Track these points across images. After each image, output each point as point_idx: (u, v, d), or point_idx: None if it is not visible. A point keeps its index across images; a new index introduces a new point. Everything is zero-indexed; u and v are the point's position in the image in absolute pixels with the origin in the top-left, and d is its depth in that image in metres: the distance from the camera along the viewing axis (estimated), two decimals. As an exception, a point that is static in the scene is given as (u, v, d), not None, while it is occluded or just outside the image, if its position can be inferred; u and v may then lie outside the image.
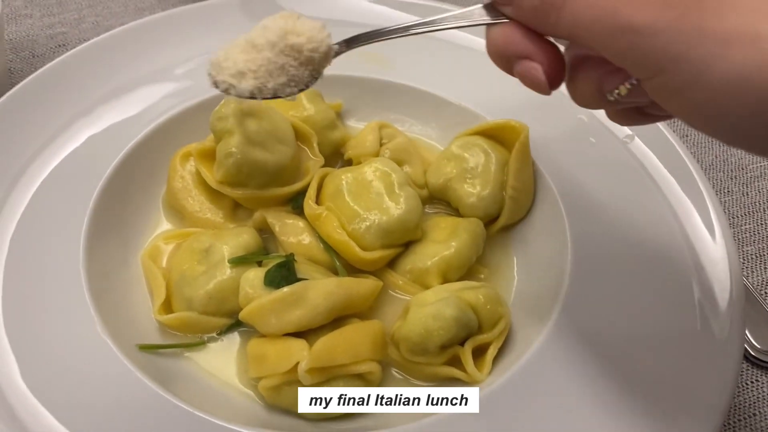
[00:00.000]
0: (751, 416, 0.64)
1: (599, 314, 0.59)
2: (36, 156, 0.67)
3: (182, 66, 0.76)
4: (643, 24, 0.37)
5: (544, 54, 0.44)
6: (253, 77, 0.47)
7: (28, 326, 0.56)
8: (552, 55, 0.44)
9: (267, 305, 0.57)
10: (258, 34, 0.47)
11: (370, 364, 0.56)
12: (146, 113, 0.72)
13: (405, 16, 0.82)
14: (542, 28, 0.43)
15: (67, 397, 0.53)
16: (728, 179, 0.83)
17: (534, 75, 0.44)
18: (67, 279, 0.59)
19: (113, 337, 0.56)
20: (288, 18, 0.48)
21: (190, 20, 0.80)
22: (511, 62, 0.45)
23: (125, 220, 0.67)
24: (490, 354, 0.59)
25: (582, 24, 0.40)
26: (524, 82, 0.46)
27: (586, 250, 0.63)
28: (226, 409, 0.56)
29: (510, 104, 0.72)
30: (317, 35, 0.47)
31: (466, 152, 0.69)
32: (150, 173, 0.70)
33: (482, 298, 0.59)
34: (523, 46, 0.44)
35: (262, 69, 0.47)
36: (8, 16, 0.96)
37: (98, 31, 0.94)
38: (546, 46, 0.44)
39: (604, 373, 0.55)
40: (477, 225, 0.66)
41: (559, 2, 0.41)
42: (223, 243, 0.63)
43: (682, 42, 0.37)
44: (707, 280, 0.60)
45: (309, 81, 0.49)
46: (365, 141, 0.72)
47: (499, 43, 0.46)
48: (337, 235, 0.63)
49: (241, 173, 0.65)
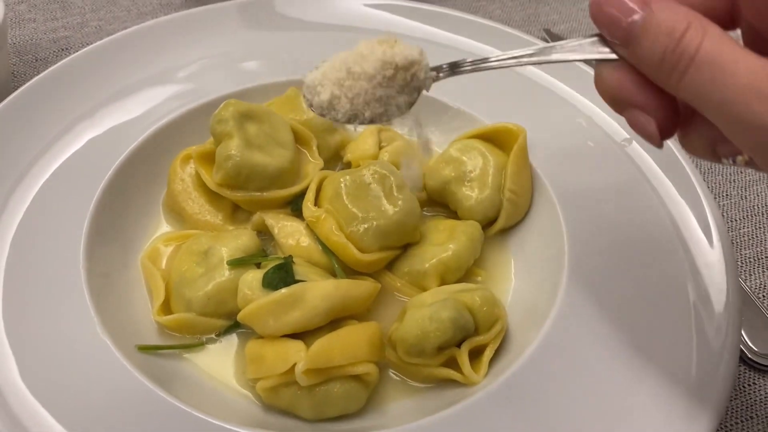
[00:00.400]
0: (748, 419, 0.64)
1: (595, 317, 0.59)
2: (38, 158, 0.67)
3: (183, 70, 0.77)
4: None
5: (659, 106, 0.41)
6: (349, 103, 0.47)
7: (28, 326, 0.57)
8: (667, 109, 0.41)
9: (265, 307, 0.57)
10: (355, 61, 0.47)
11: (367, 365, 0.57)
12: (147, 116, 0.73)
13: (403, 20, 0.82)
14: (660, 83, 0.40)
15: (66, 397, 0.53)
16: (727, 183, 0.83)
17: (645, 129, 0.42)
18: (67, 280, 0.60)
19: (113, 338, 0.57)
20: (386, 44, 0.47)
21: (190, 25, 0.81)
22: (621, 106, 0.43)
23: (125, 221, 0.68)
24: (486, 356, 0.59)
25: (706, 99, 0.38)
26: (633, 129, 0.43)
27: (583, 252, 0.63)
28: (224, 409, 0.57)
29: (508, 108, 0.73)
30: (416, 63, 0.47)
31: (464, 155, 0.70)
32: (150, 176, 0.71)
33: (479, 300, 0.59)
34: (637, 96, 0.42)
35: (359, 98, 0.47)
36: (12, 20, 0.97)
37: (101, 35, 0.95)
38: (661, 97, 0.41)
39: (599, 376, 0.55)
40: (475, 227, 0.67)
41: (683, 66, 0.38)
42: (222, 245, 0.63)
43: None
44: (703, 283, 0.60)
45: (406, 108, 0.48)
46: (364, 144, 0.73)
47: (609, 86, 0.43)
48: (336, 237, 0.63)
49: (240, 176, 0.66)
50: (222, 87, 0.76)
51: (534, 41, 0.81)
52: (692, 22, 0.39)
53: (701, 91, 0.38)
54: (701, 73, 0.38)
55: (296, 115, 0.73)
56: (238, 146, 0.65)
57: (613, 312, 0.59)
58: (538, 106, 0.75)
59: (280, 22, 0.82)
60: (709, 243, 0.63)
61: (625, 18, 0.40)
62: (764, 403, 0.65)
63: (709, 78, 0.37)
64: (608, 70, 0.43)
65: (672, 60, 0.39)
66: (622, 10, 0.41)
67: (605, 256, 0.63)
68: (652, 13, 0.40)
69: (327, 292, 0.58)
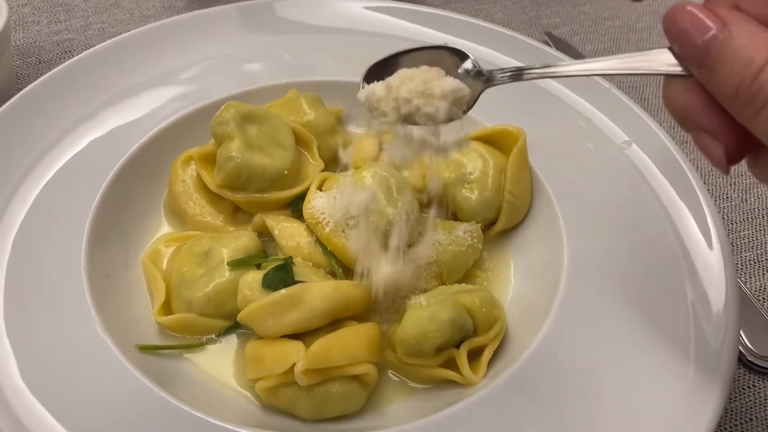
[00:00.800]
0: (747, 421, 0.64)
1: (594, 318, 0.59)
2: (40, 159, 0.68)
3: (185, 72, 0.78)
4: None
5: (730, 132, 0.38)
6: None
7: (29, 326, 0.57)
8: (738, 135, 0.38)
9: (265, 307, 0.58)
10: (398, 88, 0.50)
11: (366, 365, 0.57)
12: (149, 118, 0.73)
13: (403, 23, 0.83)
14: (732, 113, 0.37)
15: (66, 396, 0.53)
16: (727, 185, 0.83)
17: (712, 153, 0.40)
18: (68, 280, 0.60)
19: (113, 338, 0.57)
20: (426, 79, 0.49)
21: (192, 28, 0.81)
22: (688, 126, 0.40)
23: (127, 222, 0.68)
24: (485, 356, 0.59)
25: None
26: (700, 150, 0.41)
27: (583, 254, 0.63)
28: (224, 409, 0.57)
29: (508, 110, 0.73)
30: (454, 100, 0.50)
31: (464, 157, 0.70)
32: (152, 177, 0.71)
33: (478, 301, 0.59)
34: (706, 120, 0.39)
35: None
36: (16, 22, 0.98)
37: (104, 37, 0.96)
38: (732, 123, 0.38)
39: (598, 377, 0.55)
40: (474, 229, 0.67)
41: (759, 104, 0.35)
42: (222, 246, 0.64)
43: None
44: (701, 285, 0.60)
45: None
46: (365, 146, 0.73)
47: (678, 106, 0.40)
48: (336, 238, 0.63)
49: (241, 177, 0.66)
50: (223, 89, 0.76)
51: (536, 44, 0.81)
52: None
53: None
54: None
55: (297, 117, 0.73)
56: (239, 148, 0.65)
57: (611, 313, 0.59)
58: (537, 109, 0.75)
59: (281, 24, 0.83)
60: (708, 245, 0.63)
61: (700, 36, 0.37)
62: (764, 405, 0.65)
63: None
64: (678, 89, 0.40)
65: (747, 95, 0.35)
66: (698, 27, 0.37)
67: (604, 257, 0.63)
68: (731, 38, 0.36)
69: (326, 293, 0.58)
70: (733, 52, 0.36)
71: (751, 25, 0.36)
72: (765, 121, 0.35)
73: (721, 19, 0.37)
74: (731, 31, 0.36)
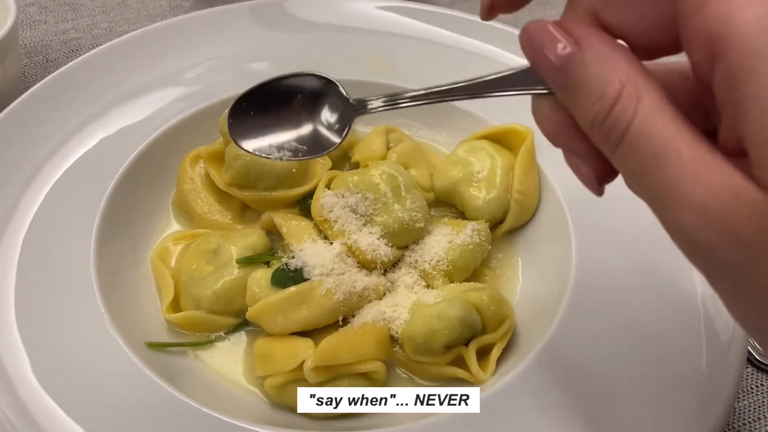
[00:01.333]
0: (755, 420, 0.64)
1: (603, 316, 0.59)
2: (49, 157, 0.68)
3: (192, 70, 0.78)
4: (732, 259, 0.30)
5: (596, 157, 0.36)
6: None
7: (40, 323, 0.57)
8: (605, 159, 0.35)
9: (274, 305, 0.58)
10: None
11: (375, 363, 0.57)
12: (157, 116, 0.73)
13: (413, 23, 0.83)
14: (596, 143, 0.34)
15: (76, 392, 0.53)
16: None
17: (583, 175, 0.38)
18: (78, 277, 0.60)
19: (122, 335, 0.57)
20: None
21: (200, 26, 0.81)
22: (558, 146, 0.39)
23: (135, 220, 0.68)
24: (494, 354, 0.59)
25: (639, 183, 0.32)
26: (572, 170, 0.39)
27: (590, 252, 0.63)
28: (232, 406, 0.57)
29: (516, 109, 0.72)
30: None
31: (472, 156, 0.70)
32: (160, 175, 0.71)
33: (486, 299, 0.59)
34: (573, 143, 0.37)
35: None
36: (23, 22, 0.98)
37: (111, 36, 0.96)
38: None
39: (606, 375, 0.55)
40: (482, 228, 0.67)
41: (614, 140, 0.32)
42: (231, 244, 0.64)
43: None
44: (711, 283, 0.60)
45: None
46: (372, 144, 0.73)
47: (546, 125, 0.38)
48: (343, 236, 0.63)
49: (249, 175, 0.66)
50: (231, 88, 0.76)
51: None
52: (626, 83, 0.32)
53: (634, 172, 0.32)
54: (632, 154, 0.31)
55: (305, 115, 0.73)
56: (248, 146, 0.65)
57: (620, 310, 0.59)
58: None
59: (289, 23, 0.83)
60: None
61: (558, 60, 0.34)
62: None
63: (639, 162, 0.31)
64: (544, 108, 0.37)
65: (602, 131, 0.33)
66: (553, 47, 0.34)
67: (612, 255, 0.63)
68: (584, 65, 0.33)
69: (335, 291, 0.58)
70: (587, 81, 0.33)
71: (605, 45, 0.34)
72: (621, 159, 0.32)
73: (575, 38, 0.34)
74: (585, 56, 0.33)
